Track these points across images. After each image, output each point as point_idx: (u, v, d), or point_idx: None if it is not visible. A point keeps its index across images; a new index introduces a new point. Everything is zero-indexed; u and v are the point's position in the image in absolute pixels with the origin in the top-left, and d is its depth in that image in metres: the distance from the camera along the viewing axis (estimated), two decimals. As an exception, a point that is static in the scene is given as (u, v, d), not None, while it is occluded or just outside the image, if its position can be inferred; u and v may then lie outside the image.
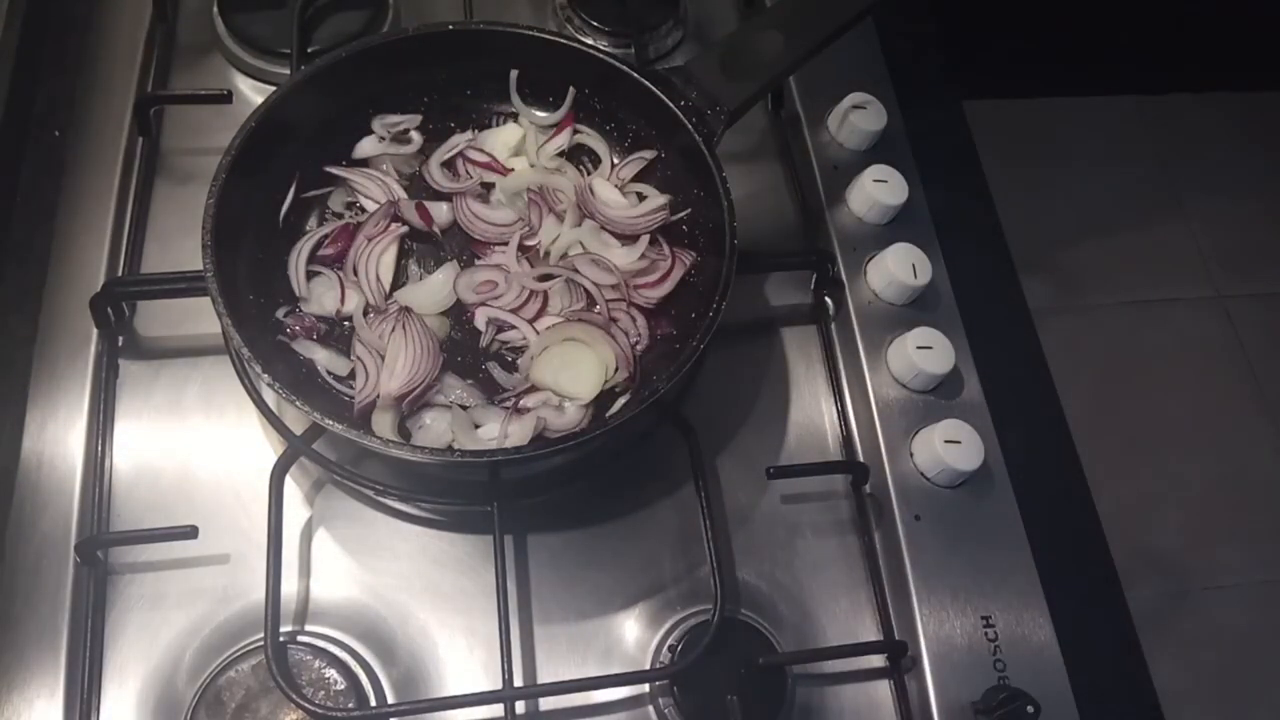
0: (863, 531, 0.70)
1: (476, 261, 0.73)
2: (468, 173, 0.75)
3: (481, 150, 0.75)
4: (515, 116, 0.77)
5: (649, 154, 0.75)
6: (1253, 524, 1.86)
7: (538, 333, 0.69)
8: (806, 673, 0.66)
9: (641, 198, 0.74)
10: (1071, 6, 1.98)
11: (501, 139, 0.76)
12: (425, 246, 0.73)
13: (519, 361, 0.69)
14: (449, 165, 0.75)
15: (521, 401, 0.66)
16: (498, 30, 0.72)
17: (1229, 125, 2.22)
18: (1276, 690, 1.73)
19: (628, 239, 0.72)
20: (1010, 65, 1.98)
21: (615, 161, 0.76)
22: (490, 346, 0.70)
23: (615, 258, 0.71)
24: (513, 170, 0.75)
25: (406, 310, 0.67)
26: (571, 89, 0.75)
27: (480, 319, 0.70)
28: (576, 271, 0.70)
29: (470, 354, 0.69)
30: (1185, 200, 2.16)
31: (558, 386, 0.66)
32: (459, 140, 0.76)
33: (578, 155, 0.77)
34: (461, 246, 0.73)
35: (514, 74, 0.76)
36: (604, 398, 0.68)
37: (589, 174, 0.75)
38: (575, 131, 0.76)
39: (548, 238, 0.72)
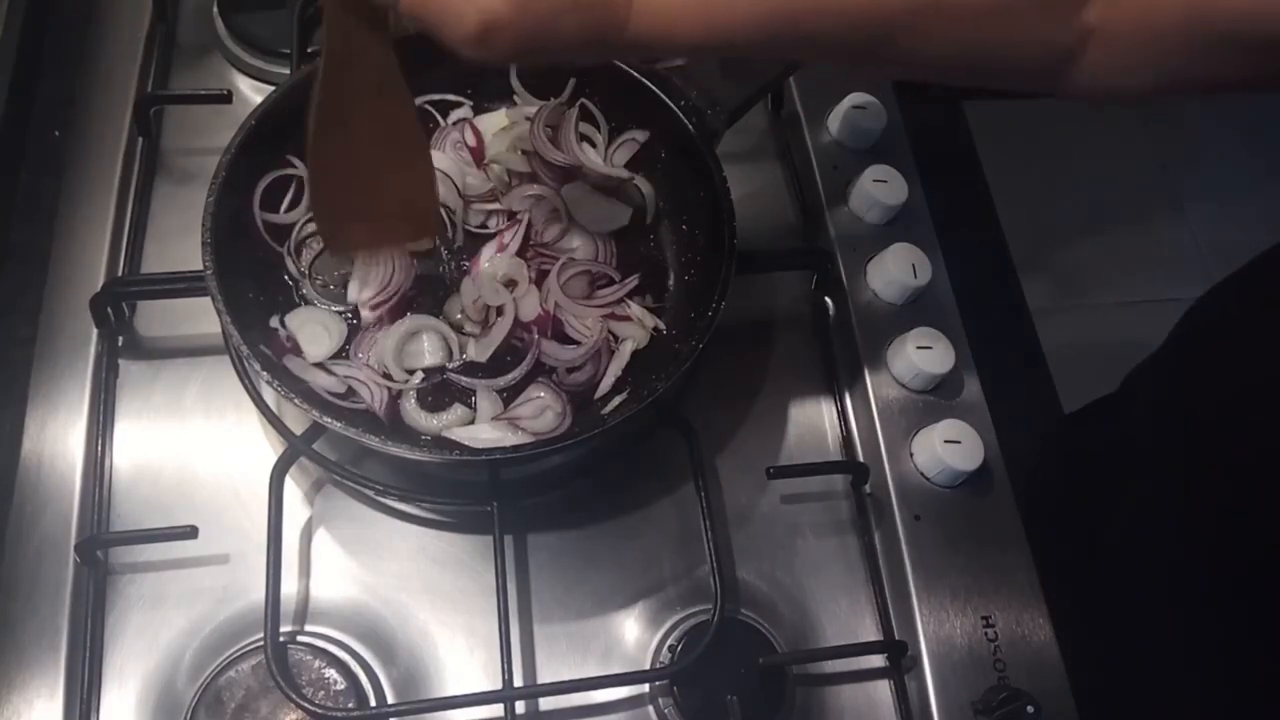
0: (863, 531, 0.70)
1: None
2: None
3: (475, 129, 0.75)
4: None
5: (640, 135, 0.74)
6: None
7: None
8: (806, 673, 0.66)
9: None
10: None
11: (494, 122, 0.76)
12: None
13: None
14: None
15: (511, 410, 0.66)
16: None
17: (1229, 125, 2.22)
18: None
19: (610, 192, 0.73)
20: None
21: (609, 150, 0.76)
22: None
23: (597, 220, 0.72)
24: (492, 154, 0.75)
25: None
26: (572, 79, 0.75)
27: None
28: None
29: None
30: (1185, 200, 2.16)
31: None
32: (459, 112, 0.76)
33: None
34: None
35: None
36: (601, 402, 0.68)
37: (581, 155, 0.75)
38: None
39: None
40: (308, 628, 0.64)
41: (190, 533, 0.62)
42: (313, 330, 0.67)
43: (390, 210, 0.64)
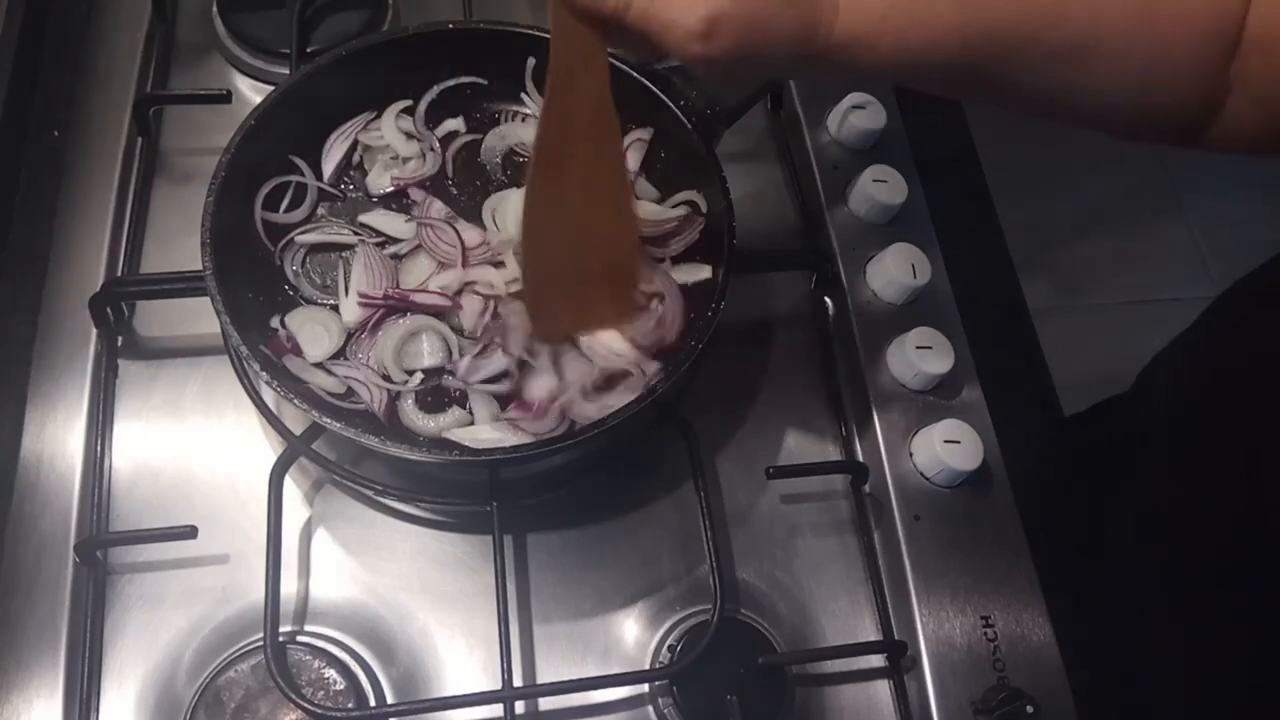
0: (862, 531, 0.70)
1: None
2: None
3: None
4: (518, 116, 0.77)
5: (644, 134, 0.74)
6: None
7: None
8: (806, 673, 0.66)
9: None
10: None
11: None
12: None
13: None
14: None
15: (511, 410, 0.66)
16: (498, 29, 0.72)
17: (1229, 125, 2.22)
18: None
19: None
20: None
21: None
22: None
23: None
24: None
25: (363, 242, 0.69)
26: None
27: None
28: None
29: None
30: (1185, 200, 2.16)
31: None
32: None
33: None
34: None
35: (530, 61, 0.74)
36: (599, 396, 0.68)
37: None
38: None
39: None
40: (307, 628, 0.64)
41: (190, 533, 0.62)
42: (312, 330, 0.67)
43: (596, 278, 0.64)
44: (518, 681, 0.62)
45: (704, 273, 0.70)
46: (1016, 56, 0.50)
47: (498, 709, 0.60)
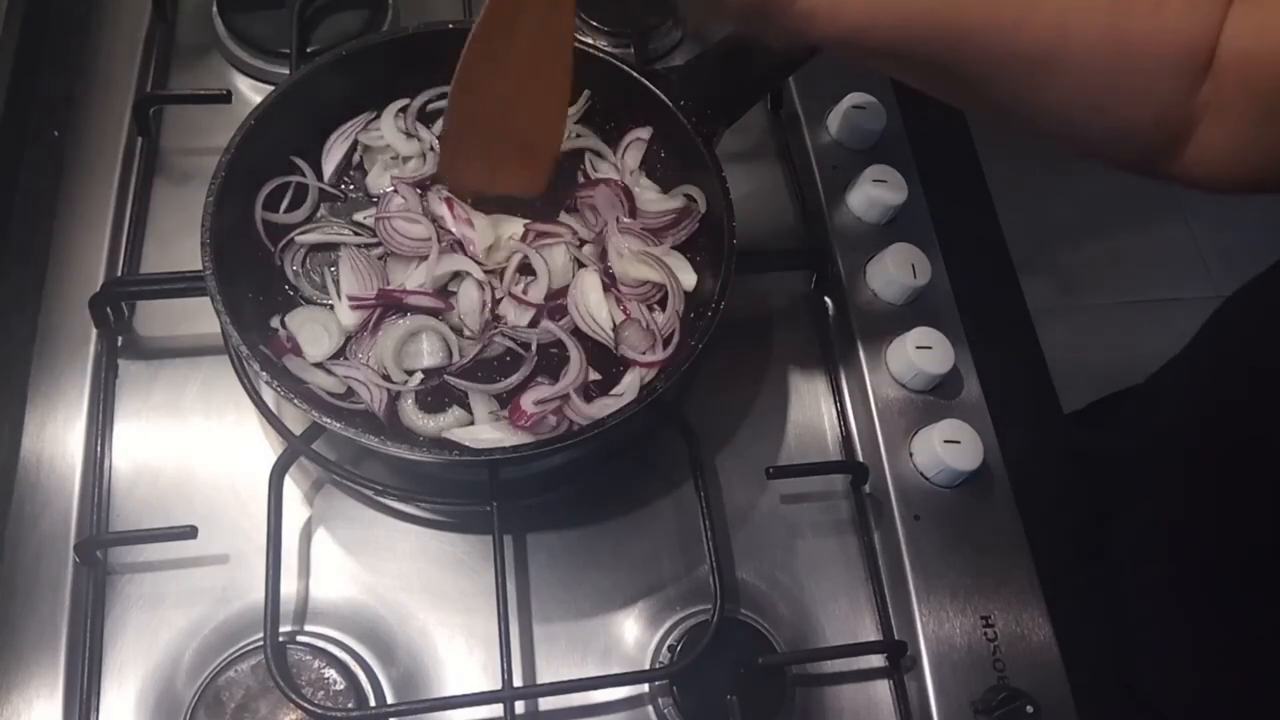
0: (862, 531, 0.70)
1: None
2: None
3: None
4: None
5: (644, 132, 0.74)
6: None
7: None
8: (806, 673, 0.66)
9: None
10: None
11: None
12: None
13: None
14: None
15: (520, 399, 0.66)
16: (497, 30, 0.72)
17: (1229, 125, 2.22)
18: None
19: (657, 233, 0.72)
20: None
21: (616, 156, 0.75)
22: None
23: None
24: None
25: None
26: (586, 91, 0.74)
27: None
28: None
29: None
30: (1185, 200, 2.16)
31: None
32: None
33: (575, 161, 0.75)
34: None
35: None
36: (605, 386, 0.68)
37: (594, 173, 0.75)
38: (577, 136, 0.75)
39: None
40: (307, 628, 0.64)
41: (189, 533, 0.62)
42: (312, 330, 0.67)
43: (513, 150, 0.67)
44: (518, 681, 0.62)
45: (690, 280, 0.70)
46: (979, 52, 0.49)
47: (498, 709, 0.60)
